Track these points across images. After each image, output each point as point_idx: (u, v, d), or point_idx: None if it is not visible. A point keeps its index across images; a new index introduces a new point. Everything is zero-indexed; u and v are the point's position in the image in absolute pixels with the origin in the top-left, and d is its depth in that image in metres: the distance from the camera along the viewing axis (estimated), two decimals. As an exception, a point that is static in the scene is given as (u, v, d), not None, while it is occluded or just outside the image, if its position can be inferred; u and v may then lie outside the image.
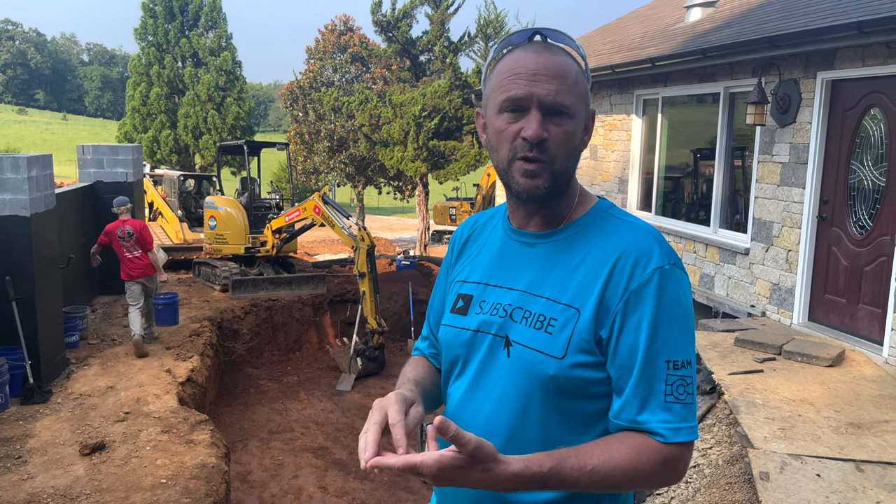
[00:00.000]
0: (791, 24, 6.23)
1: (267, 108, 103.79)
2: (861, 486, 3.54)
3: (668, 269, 1.22)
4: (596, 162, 9.94)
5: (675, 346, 1.21)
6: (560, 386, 1.24)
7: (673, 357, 1.20)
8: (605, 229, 1.30)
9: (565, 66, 1.25)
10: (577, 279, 1.26)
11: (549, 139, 1.23)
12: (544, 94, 1.22)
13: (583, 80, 1.28)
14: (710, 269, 7.62)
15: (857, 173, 5.95)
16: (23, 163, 6.19)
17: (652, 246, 1.24)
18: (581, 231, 1.31)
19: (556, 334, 1.24)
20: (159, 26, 26.34)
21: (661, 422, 1.19)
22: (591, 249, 1.27)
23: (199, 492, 4.76)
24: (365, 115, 18.70)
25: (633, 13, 13.25)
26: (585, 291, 1.24)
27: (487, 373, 1.31)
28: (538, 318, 1.26)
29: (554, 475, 1.14)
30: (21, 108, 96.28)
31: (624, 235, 1.27)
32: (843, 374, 5.16)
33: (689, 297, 1.26)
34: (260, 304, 10.80)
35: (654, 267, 1.22)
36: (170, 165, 26.21)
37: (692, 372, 1.22)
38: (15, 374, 6.09)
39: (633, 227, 1.29)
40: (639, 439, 1.19)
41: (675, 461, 1.20)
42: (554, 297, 1.27)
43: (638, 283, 1.21)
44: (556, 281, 1.28)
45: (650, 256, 1.23)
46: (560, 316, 1.25)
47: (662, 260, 1.23)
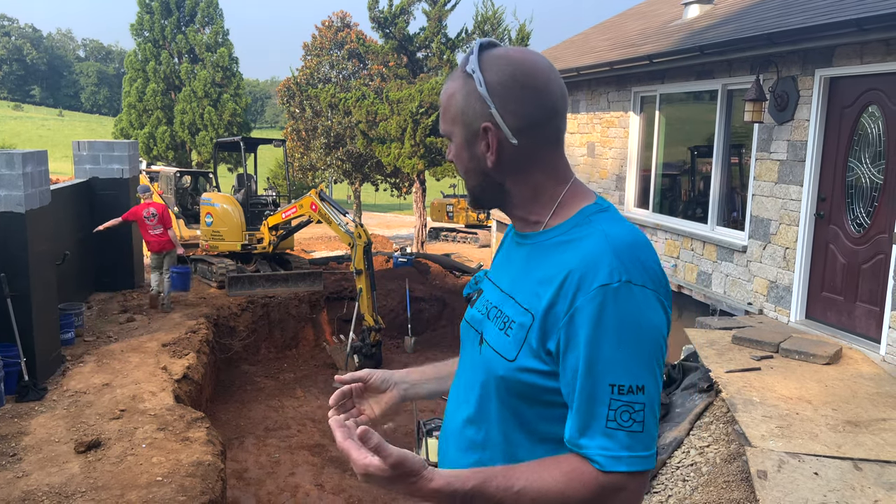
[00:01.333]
0: (789, 21, 6.22)
1: (264, 104, 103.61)
2: (859, 484, 3.54)
3: (616, 287, 1.13)
4: (593, 159, 9.93)
5: (621, 369, 1.12)
6: (510, 388, 1.24)
7: (618, 381, 1.12)
8: (576, 236, 1.25)
9: (444, 95, 1.33)
10: (537, 285, 1.24)
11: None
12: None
13: (458, 99, 1.29)
14: (708, 267, 7.61)
15: (854, 171, 5.94)
16: (18, 159, 6.15)
17: (603, 260, 1.16)
18: (556, 237, 1.28)
19: (512, 337, 1.25)
20: (156, 22, 26.25)
21: (599, 448, 1.12)
22: (556, 257, 1.24)
23: (194, 489, 4.74)
24: (362, 112, 18.67)
25: (632, 10, 13.23)
26: (540, 298, 1.22)
27: (467, 363, 1.39)
28: (503, 319, 1.29)
29: (477, 493, 1.13)
30: (17, 104, 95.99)
31: (585, 244, 1.21)
32: (841, 372, 5.16)
33: (644, 315, 1.14)
34: (256, 300, 10.77)
35: (599, 284, 1.14)
36: (166, 162, 26.15)
37: (644, 399, 1.12)
38: (10, 372, 6.06)
39: (599, 234, 1.21)
40: (576, 463, 1.14)
41: (614, 490, 1.12)
42: (519, 299, 1.28)
43: (582, 300, 1.15)
44: (524, 284, 1.29)
45: (598, 271, 1.15)
46: (518, 319, 1.25)
47: (612, 276, 1.14)
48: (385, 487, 1.14)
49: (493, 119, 1.26)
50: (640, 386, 1.12)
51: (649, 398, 1.13)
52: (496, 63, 1.27)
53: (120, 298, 9.81)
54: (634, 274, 1.15)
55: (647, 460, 1.13)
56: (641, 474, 1.13)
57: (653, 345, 1.15)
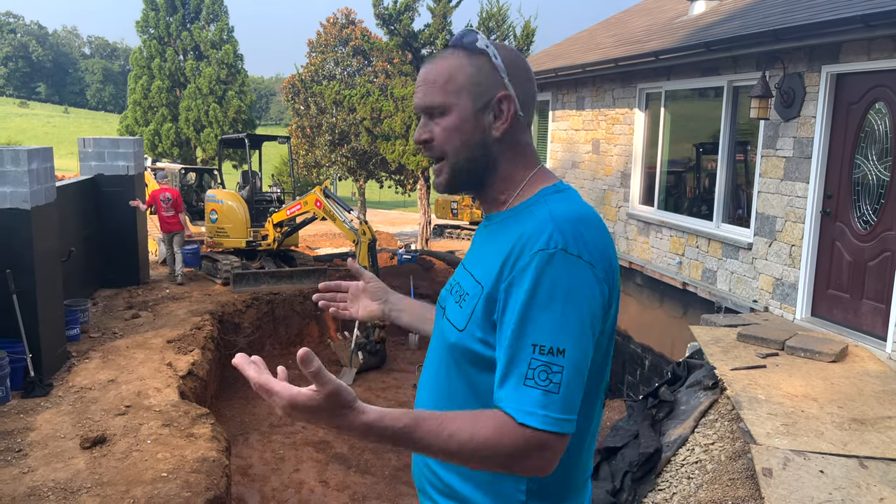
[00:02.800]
0: (795, 18, 6.19)
1: (268, 101, 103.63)
2: (864, 482, 3.53)
3: (551, 252, 1.20)
4: (598, 156, 9.90)
5: (545, 331, 1.17)
6: (461, 355, 1.31)
7: (540, 341, 1.17)
8: (528, 214, 1.32)
9: (438, 69, 1.35)
10: (489, 259, 1.32)
11: (433, 139, 1.36)
12: (419, 100, 1.37)
13: (467, 73, 1.34)
14: (713, 264, 7.59)
15: (861, 168, 5.91)
16: (23, 155, 6.17)
17: (544, 229, 1.23)
18: (514, 215, 1.35)
19: (465, 308, 1.33)
20: (161, 19, 26.29)
21: (513, 401, 1.16)
22: (508, 231, 1.32)
23: (199, 485, 4.75)
24: (366, 109, 18.67)
25: (637, 6, 13.19)
26: (490, 271, 1.29)
27: (435, 338, 1.47)
28: (460, 293, 1.37)
29: (407, 433, 1.14)
30: (23, 101, 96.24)
31: (532, 219, 1.28)
32: (847, 369, 5.14)
33: (575, 283, 1.19)
34: (261, 297, 10.79)
35: (537, 249, 1.21)
36: (171, 159, 26.19)
37: (563, 362, 1.16)
38: (16, 368, 6.08)
39: (545, 210, 1.28)
40: (507, 417, 1.17)
41: (538, 448, 1.15)
42: (474, 273, 1.36)
43: (521, 264, 1.22)
44: (480, 259, 1.37)
45: (538, 239, 1.22)
46: (471, 291, 1.33)
47: (549, 244, 1.20)
48: (309, 421, 1.14)
49: (509, 90, 1.35)
50: (560, 349, 1.17)
51: (571, 362, 1.17)
52: (499, 46, 1.38)
53: (125, 295, 9.84)
54: (571, 244, 1.21)
55: (562, 423, 1.16)
56: (560, 437, 1.16)
57: (579, 312, 1.19)
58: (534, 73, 1.42)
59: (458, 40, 1.38)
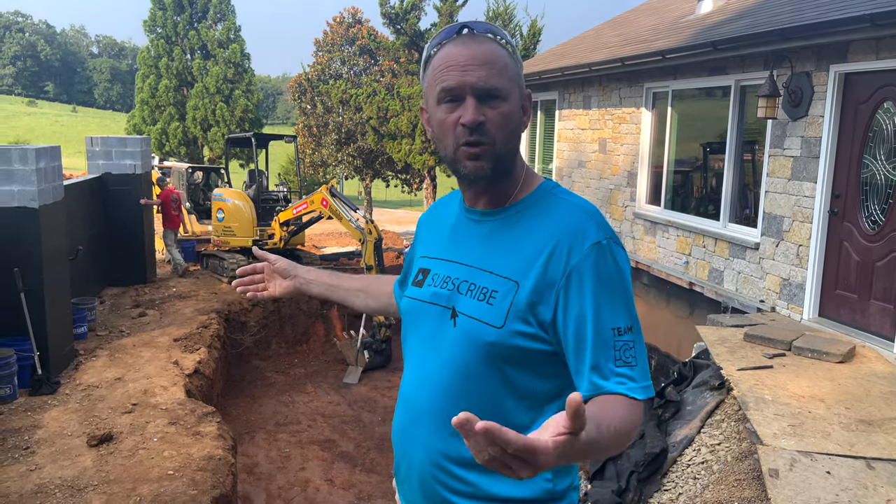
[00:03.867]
0: (803, 17, 6.16)
1: (275, 100, 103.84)
2: (872, 483, 3.51)
3: (604, 244, 1.30)
4: (605, 155, 9.88)
5: (617, 314, 1.28)
6: (500, 353, 1.32)
7: (616, 324, 1.28)
8: (547, 208, 1.38)
9: (493, 53, 1.34)
10: (518, 254, 1.34)
11: (486, 122, 1.33)
12: (475, 81, 1.32)
13: (512, 64, 1.37)
14: (720, 264, 7.57)
15: (869, 167, 5.88)
16: (31, 154, 6.19)
17: (588, 224, 1.32)
18: (526, 209, 1.39)
19: (497, 305, 1.33)
20: (168, 18, 26.37)
21: (620, 383, 1.26)
22: (533, 227, 1.36)
23: (205, 483, 4.77)
24: (373, 108, 18.68)
25: (644, 5, 13.15)
26: (526, 266, 1.32)
27: (438, 339, 1.42)
28: (482, 291, 1.36)
29: (595, 439, 1.09)
30: (31, 100, 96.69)
31: (563, 214, 1.35)
32: (854, 370, 5.11)
33: (624, 266, 1.33)
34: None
35: (591, 243, 1.30)
36: (178, 157, 26.26)
37: (634, 336, 1.29)
38: (23, 365, 6.11)
39: (572, 206, 1.37)
40: (621, 399, 1.25)
41: (641, 416, 1.27)
42: (497, 270, 1.36)
43: (576, 259, 1.29)
44: (498, 256, 1.37)
45: (587, 234, 1.31)
46: (501, 288, 1.34)
47: (598, 235, 1.31)
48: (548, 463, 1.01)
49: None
50: (629, 326, 1.29)
51: (639, 334, 1.31)
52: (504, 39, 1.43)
53: (132, 293, 9.88)
54: (612, 234, 1.34)
55: (651, 389, 1.29)
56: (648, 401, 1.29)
57: (630, 289, 1.33)
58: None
59: (491, 29, 1.38)
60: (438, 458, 1.39)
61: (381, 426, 8.51)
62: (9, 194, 6.17)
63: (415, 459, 1.44)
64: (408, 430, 1.47)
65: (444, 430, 1.38)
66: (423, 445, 1.42)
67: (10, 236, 6.16)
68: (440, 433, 1.39)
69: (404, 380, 1.52)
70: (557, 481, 1.38)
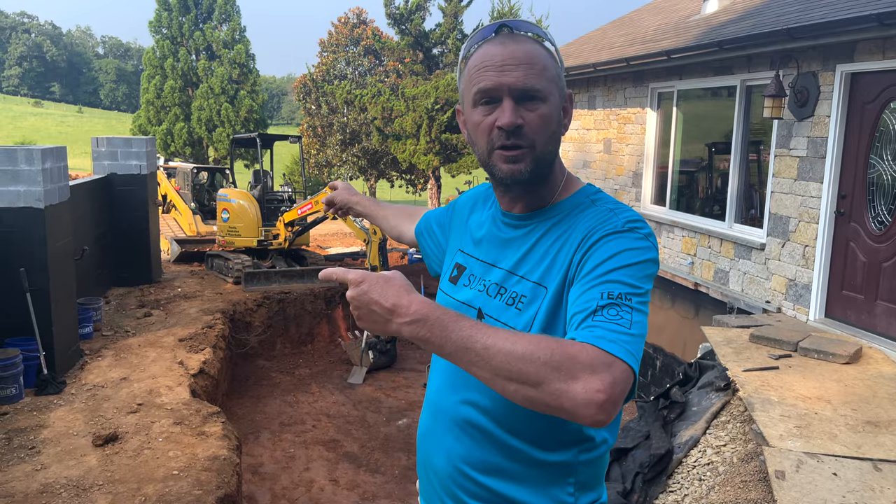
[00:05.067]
0: (810, 16, 6.14)
1: (280, 100, 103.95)
2: (878, 485, 3.49)
3: (622, 229, 1.25)
4: (610, 156, 9.87)
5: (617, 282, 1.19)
6: None
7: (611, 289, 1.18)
8: (584, 215, 1.32)
9: (532, 53, 1.29)
10: (549, 260, 1.30)
11: (524, 125, 1.28)
12: (513, 81, 1.26)
13: (553, 64, 1.32)
14: (725, 265, 7.54)
15: (876, 168, 5.86)
16: (37, 154, 6.21)
17: (611, 218, 1.28)
18: (563, 215, 1.35)
19: (524, 310, 1.30)
20: (174, 19, 26.43)
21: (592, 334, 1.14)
22: (567, 233, 1.31)
23: (210, 483, 4.77)
24: (377, 108, 18.68)
25: (649, 5, 13.12)
26: (554, 271, 1.29)
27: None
28: (511, 295, 1.33)
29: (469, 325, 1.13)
30: (37, 100, 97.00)
31: (594, 216, 1.30)
32: (861, 371, 5.09)
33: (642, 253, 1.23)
34: (272, 296, 10.82)
35: (611, 228, 1.26)
36: (183, 158, 26.32)
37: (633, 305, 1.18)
38: (29, 365, 6.12)
39: (604, 208, 1.32)
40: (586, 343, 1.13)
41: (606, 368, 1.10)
42: (528, 275, 1.32)
43: (592, 240, 1.25)
44: (531, 261, 1.33)
45: (606, 224, 1.27)
46: (530, 293, 1.30)
47: (619, 225, 1.26)
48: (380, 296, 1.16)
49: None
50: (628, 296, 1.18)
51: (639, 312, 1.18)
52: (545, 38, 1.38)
53: (137, 293, 9.89)
54: (638, 224, 1.28)
55: (633, 358, 1.12)
56: (629, 371, 1.10)
57: (645, 278, 1.22)
58: None
59: (531, 28, 1.35)
60: (460, 464, 1.37)
61: (385, 426, 8.51)
62: (15, 195, 6.18)
63: (437, 463, 1.42)
64: (430, 434, 1.45)
65: (465, 436, 1.36)
66: (445, 450, 1.40)
67: (16, 237, 6.18)
68: (460, 438, 1.37)
69: (430, 381, 1.50)
70: (579, 495, 1.34)
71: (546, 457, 1.31)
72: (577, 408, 1.05)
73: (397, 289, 1.16)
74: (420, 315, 1.13)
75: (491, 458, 1.33)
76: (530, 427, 1.30)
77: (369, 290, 1.16)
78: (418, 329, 1.13)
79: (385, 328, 1.16)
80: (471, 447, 1.35)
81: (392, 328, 1.15)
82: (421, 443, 1.50)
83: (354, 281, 1.17)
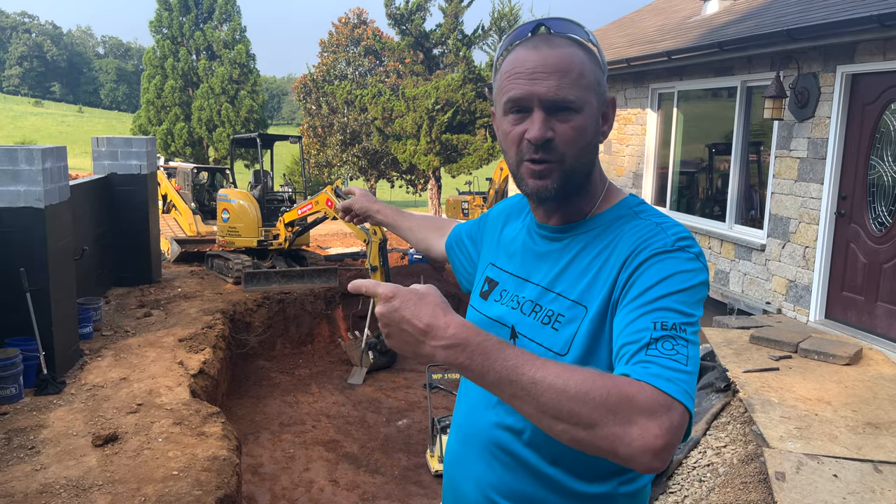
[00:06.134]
0: (810, 17, 6.13)
1: (280, 101, 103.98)
2: (879, 487, 3.49)
3: (672, 248, 1.15)
4: (610, 156, 9.87)
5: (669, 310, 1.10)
6: None
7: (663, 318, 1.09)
8: (627, 228, 1.22)
9: (567, 59, 1.19)
10: (590, 277, 1.21)
11: (555, 138, 1.19)
12: (544, 91, 1.17)
13: (591, 69, 1.22)
14: (725, 266, 7.54)
15: (876, 169, 5.86)
16: (37, 154, 6.21)
17: (660, 234, 1.18)
18: (603, 228, 1.25)
19: (561, 330, 1.21)
20: (174, 19, 26.44)
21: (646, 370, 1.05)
22: (609, 247, 1.21)
23: (210, 484, 4.77)
24: (378, 109, 18.68)
25: (650, 6, 13.13)
26: (595, 289, 1.19)
27: None
28: (547, 314, 1.24)
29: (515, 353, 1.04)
30: (37, 100, 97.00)
31: (638, 230, 1.21)
32: (861, 373, 5.09)
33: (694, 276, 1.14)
34: (272, 296, 10.82)
35: (658, 248, 1.16)
36: (183, 158, 26.33)
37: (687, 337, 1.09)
38: (29, 365, 6.12)
39: (650, 223, 1.22)
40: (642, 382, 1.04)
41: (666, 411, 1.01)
42: (565, 293, 1.24)
43: (640, 259, 1.16)
44: (569, 277, 1.25)
45: (654, 242, 1.17)
46: (567, 312, 1.22)
47: (670, 243, 1.16)
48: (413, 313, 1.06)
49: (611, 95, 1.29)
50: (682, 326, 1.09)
51: (693, 343, 1.09)
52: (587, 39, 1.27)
53: (137, 293, 9.89)
54: (690, 244, 1.18)
55: (689, 398, 1.03)
56: (686, 413, 1.02)
57: (696, 302, 1.13)
58: None
59: (570, 28, 1.24)
60: (490, 492, 1.29)
61: (385, 427, 8.50)
62: (15, 194, 6.18)
63: (466, 491, 1.34)
64: (460, 460, 1.37)
65: (497, 463, 1.28)
66: (475, 477, 1.31)
67: (16, 236, 6.18)
68: (491, 465, 1.29)
69: (458, 403, 1.42)
70: None
71: (584, 488, 1.23)
72: (633, 454, 0.98)
73: (432, 307, 1.06)
74: (459, 340, 1.03)
75: (525, 487, 1.25)
76: (570, 456, 1.20)
77: (401, 308, 1.05)
78: (456, 354, 1.03)
79: (417, 350, 1.06)
80: (503, 475, 1.27)
81: (426, 351, 1.05)
82: (448, 469, 1.41)
83: (385, 296, 1.06)
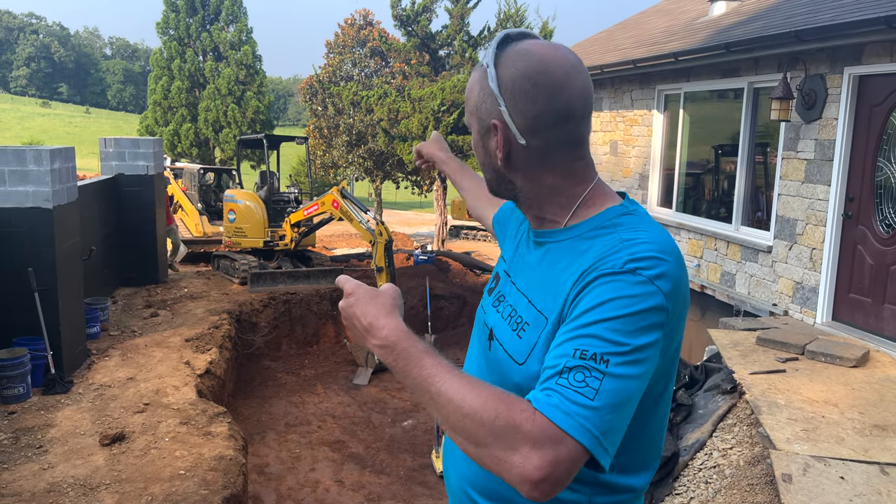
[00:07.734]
0: (818, 19, 6.12)
1: (286, 102, 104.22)
2: (886, 489, 3.48)
3: (619, 270, 1.09)
4: (616, 158, 9.86)
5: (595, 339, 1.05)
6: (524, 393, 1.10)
7: (583, 346, 1.04)
8: (599, 242, 1.18)
9: (469, 85, 1.31)
10: (555, 288, 1.19)
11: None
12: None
13: (475, 93, 1.28)
14: (732, 267, 7.52)
15: (884, 171, 5.84)
16: (45, 155, 6.24)
17: (615, 252, 1.12)
18: (578, 238, 1.23)
19: (524, 338, 1.22)
20: (181, 20, 26.53)
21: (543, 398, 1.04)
22: (577, 260, 1.18)
23: (216, 483, 4.78)
24: (384, 110, 18.70)
25: (656, 7, 13.11)
26: (557, 301, 1.17)
27: (477, 354, 1.40)
28: (517, 320, 1.26)
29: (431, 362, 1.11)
30: (45, 101, 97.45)
31: (603, 244, 1.17)
32: (868, 375, 5.07)
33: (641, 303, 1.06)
34: (278, 297, 10.84)
35: (606, 268, 1.10)
36: (190, 159, 26.41)
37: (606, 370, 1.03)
38: (37, 365, 6.15)
39: (615, 238, 1.17)
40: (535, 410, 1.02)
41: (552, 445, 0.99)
42: (535, 301, 1.24)
43: (586, 281, 1.12)
44: (540, 285, 1.24)
45: (607, 262, 1.11)
46: (532, 321, 1.22)
47: (618, 263, 1.10)
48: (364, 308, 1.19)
49: (502, 117, 1.22)
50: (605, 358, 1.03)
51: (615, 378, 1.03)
52: (514, 58, 1.22)
53: (144, 293, 9.93)
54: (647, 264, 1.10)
55: (593, 440, 0.99)
56: (583, 452, 1.00)
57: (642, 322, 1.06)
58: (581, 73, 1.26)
59: (490, 49, 1.26)
60: (466, 486, 1.34)
61: (390, 427, 8.51)
62: (23, 195, 6.22)
63: (452, 482, 1.41)
64: (449, 451, 1.43)
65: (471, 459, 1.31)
66: (457, 470, 1.38)
67: (24, 237, 6.21)
68: (468, 460, 1.27)
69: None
70: None
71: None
72: (513, 481, 0.99)
73: (378, 307, 1.18)
74: (389, 342, 1.14)
75: (495, 485, 1.27)
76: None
77: (355, 304, 1.19)
78: (385, 355, 1.14)
79: (364, 345, 1.19)
80: (477, 471, 1.29)
81: (368, 346, 1.18)
82: (443, 458, 1.48)
83: (347, 292, 1.21)
